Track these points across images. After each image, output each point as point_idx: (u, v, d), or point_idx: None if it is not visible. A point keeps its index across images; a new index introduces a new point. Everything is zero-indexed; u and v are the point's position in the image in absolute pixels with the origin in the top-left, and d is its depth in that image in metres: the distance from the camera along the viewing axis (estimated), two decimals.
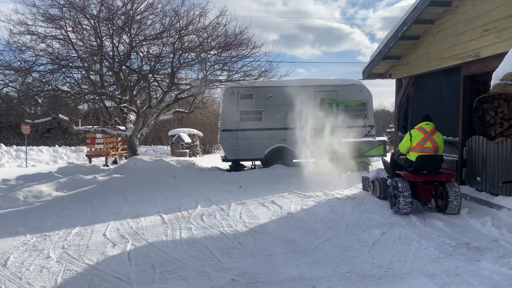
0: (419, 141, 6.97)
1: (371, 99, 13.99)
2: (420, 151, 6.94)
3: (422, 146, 6.95)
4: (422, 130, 7.06)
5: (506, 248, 5.14)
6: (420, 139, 6.97)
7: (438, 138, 7.07)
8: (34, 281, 4.53)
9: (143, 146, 25.41)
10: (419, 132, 7.05)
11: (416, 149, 6.98)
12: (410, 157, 7.05)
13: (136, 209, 7.98)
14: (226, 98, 13.52)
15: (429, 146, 6.96)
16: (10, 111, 15.13)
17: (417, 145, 6.97)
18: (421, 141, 6.96)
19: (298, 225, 6.47)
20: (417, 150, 6.96)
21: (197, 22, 14.00)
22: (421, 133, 7.02)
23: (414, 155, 6.96)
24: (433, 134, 7.03)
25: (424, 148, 6.94)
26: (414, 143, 7.02)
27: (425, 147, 6.94)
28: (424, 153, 6.92)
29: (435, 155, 7.00)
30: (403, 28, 9.10)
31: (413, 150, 7.03)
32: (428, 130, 7.05)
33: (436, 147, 7.01)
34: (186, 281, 4.40)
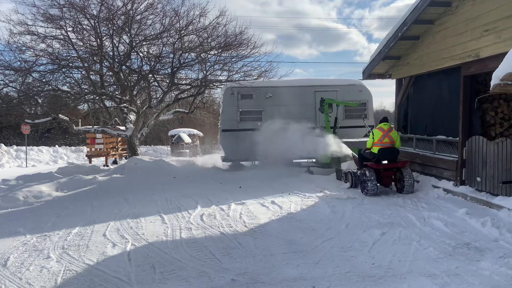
0: (379, 137, 8.75)
1: (371, 99, 13.99)
2: (380, 145, 8.71)
3: (381, 142, 8.72)
4: (381, 129, 8.86)
5: (506, 248, 5.14)
6: (380, 136, 8.76)
7: (394, 135, 8.89)
8: (34, 281, 4.53)
9: (143, 146, 25.41)
10: (379, 131, 8.86)
11: (377, 144, 8.74)
12: (373, 150, 8.82)
13: (136, 209, 7.98)
14: (226, 98, 13.52)
15: (387, 141, 8.76)
16: (10, 111, 15.14)
17: (378, 141, 8.74)
18: (381, 138, 8.74)
19: (298, 225, 6.47)
20: (378, 144, 8.73)
21: (197, 22, 14.05)
22: (380, 132, 8.81)
23: (376, 149, 8.75)
24: (389, 132, 8.83)
25: (383, 143, 8.73)
26: (375, 139, 8.79)
27: (384, 142, 8.73)
28: (383, 146, 8.69)
29: (392, 147, 8.78)
30: (403, 28, 9.10)
31: (375, 145, 8.79)
32: (385, 129, 8.87)
33: (393, 142, 8.79)
34: (186, 281, 4.40)
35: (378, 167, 8.74)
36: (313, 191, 9.28)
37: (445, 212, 6.96)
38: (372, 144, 8.89)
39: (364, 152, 9.30)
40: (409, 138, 10.72)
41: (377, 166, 8.75)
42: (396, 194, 8.72)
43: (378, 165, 8.77)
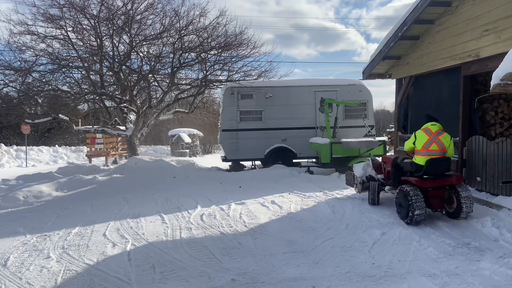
0: (424, 143, 6.43)
1: (371, 99, 13.99)
2: (426, 154, 6.38)
3: (427, 149, 6.40)
4: (427, 131, 6.52)
5: (506, 248, 5.14)
6: (424, 141, 6.43)
7: (445, 139, 6.50)
8: (34, 281, 4.53)
9: (143, 146, 25.41)
10: (423, 133, 6.51)
11: (422, 152, 6.43)
12: (417, 161, 6.47)
13: (136, 209, 7.98)
14: (226, 98, 13.53)
15: (435, 148, 6.39)
16: (10, 111, 15.13)
17: (422, 148, 6.42)
18: (426, 143, 6.42)
19: (298, 225, 6.47)
20: (423, 153, 6.41)
21: (197, 22, 14.03)
22: (426, 135, 6.47)
23: (422, 159, 6.39)
24: (438, 135, 6.46)
25: (430, 151, 6.39)
26: (418, 145, 6.48)
27: (431, 150, 6.39)
28: (432, 156, 6.35)
29: (444, 158, 6.45)
30: (403, 28, 9.10)
31: (419, 154, 6.48)
32: (433, 131, 6.50)
33: (443, 149, 6.44)
34: (186, 281, 4.40)
35: (425, 185, 6.34)
36: (313, 191, 9.28)
37: None
38: (412, 149, 6.70)
39: (402, 162, 6.94)
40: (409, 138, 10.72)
41: (425, 183, 6.34)
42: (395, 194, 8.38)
43: (426, 182, 6.36)
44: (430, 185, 6.39)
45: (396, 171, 7.08)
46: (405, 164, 6.83)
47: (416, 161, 6.51)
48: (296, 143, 13.44)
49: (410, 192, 6.18)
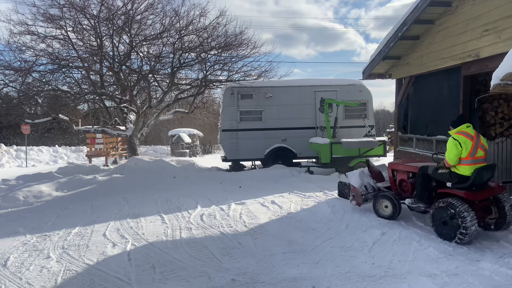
0: (471, 149, 5.49)
1: (371, 99, 13.99)
2: (473, 162, 5.49)
3: (474, 156, 5.49)
4: (468, 136, 5.55)
5: (506, 248, 5.14)
6: (471, 147, 5.49)
7: (485, 143, 5.71)
8: (34, 281, 4.53)
9: (143, 146, 25.42)
10: (466, 138, 5.52)
11: (468, 161, 5.50)
12: (461, 171, 5.55)
13: (136, 209, 7.98)
14: (226, 98, 13.53)
15: (481, 155, 5.56)
16: (10, 111, 15.14)
17: (469, 155, 5.49)
18: (472, 149, 5.49)
19: (298, 225, 6.47)
20: (470, 162, 5.49)
21: (197, 22, 14.02)
22: (469, 140, 5.52)
23: (467, 168, 5.50)
24: (479, 139, 5.64)
25: (477, 158, 5.52)
26: (465, 153, 5.49)
27: (478, 157, 5.52)
28: (479, 164, 5.53)
29: (490, 166, 5.66)
30: (403, 28, 9.10)
31: (463, 163, 5.53)
32: (473, 134, 5.61)
33: (485, 155, 5.67)
34: (186, 281, 4.40)
35: (475, 198, 5.48)
36: (313, 191, 9.28)
37: None
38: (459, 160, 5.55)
39: (436, 173, 5.91)
40: (409, 138, 10.72)
41: (474, 196, 5.48)
42: None
43: (475, 194, 5.49)
44: (479, 197, 5.56)
45: (424, 182, 6.16)
46: (441, 175, 5.83)
47: (459, 171, 5.57)
48: (296, 143, 13.45)
49: (460, 207, 5.32)
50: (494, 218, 5.72)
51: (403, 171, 6.86)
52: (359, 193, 7.10)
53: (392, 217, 6.59)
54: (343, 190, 7.66)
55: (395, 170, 7.10)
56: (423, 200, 6.16)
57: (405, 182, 6.83)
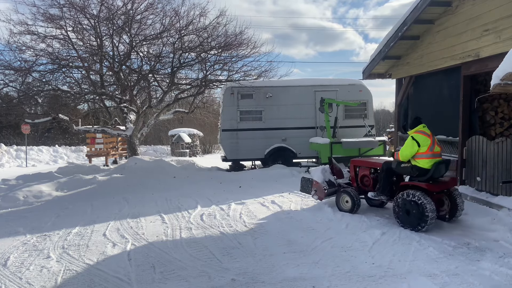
0: (429, 146, 6.14)
1: (371, 99, 14.00)
2: (432, 156, 6.13)
3: (433, 151, 6.16)
4: (425, 133, 6.26)
5: (506, 248, 5.14)
6: (429, 144, 6.15)
7: (437, 141, 6.49)
8: (34, 281, 4.53)
9: (143, 146, 25.41)
10: (423, 136, 6.20)
11: (428, 155, 6.11)
12: (421, 165, 6.12)
13: (136, 209, 7.98)
14: (226, 98, 13.54)
15: (438, 150, 6.26)
16: (10, 111, 15.15)
17: (428, 150, 6.13)
18: (431, 146, 6.16)
19: (298, 225, 6.47)
20: (429, 156, 6.12)
21: (197, 22, 14.03)
22: (427, 137, 6.20)
23: (427, 162, 6.10)
24: (434, 137, 6.38)
25: (435, 153, 6.18)
26: (424, 148, 6.13)
27: (435, 152, 6.20)
28: (436, 158, 6.18)
29: (446, 160, 6.34)
30: (403, 28, 9.09)
31: (424, 157, 6.12)
32: (429, 133, 6.32)
33: (440, 150, 6.38)
34: (186, 281, 4.40)
35: (434, 189, 6.11)
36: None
37: None
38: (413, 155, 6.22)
39: (399, 167, 6.44)
40: None
41: (433, 187, 6.09)
42: None
43: (434, 185, 6.11)
44: (438, 189, 6.17)
45: (387, 176, 6.65)
46: (404, 168, 6.38)
47: (419, 164, 6.14)
48: (296, 143, 13.45)
49: (422, 198, 5.83)
50: (446, 209, 6.36)
51: (365, 167, 7.33)
52: (321, 188, 7.46)
53: (351, 211, 7.04)
54: (305, 185, 7.92)
55: (357, 166, 7.53)
56: (385, 193, 6.67)
57: (367, 177, 7.29)
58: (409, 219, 5.99)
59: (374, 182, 7.13)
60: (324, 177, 7.59)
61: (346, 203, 7.16)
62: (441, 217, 6.34)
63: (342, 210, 7.17)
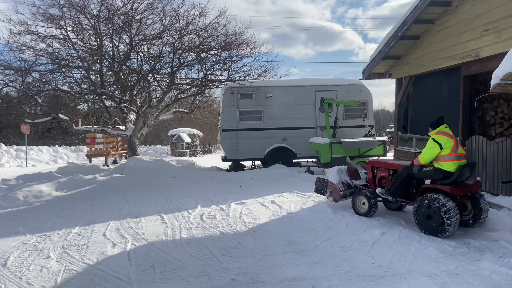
0: (452, 147, 5.84)
1: (371, 99, 14.00)
2: (457, 158, 5.84)
3: (457, 153, 5.86)
4: (448, 135, 5.93)
5: (506, 248, 5.14)
6: (452, 145, 5.85)
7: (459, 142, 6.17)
8: (34, 280, 4.53)
9: (143, 146, 25.41)
10: (447, 138, 5.88)
11: (452, 157, 5.81)
12: (445, 168, 5.83)
13: (136, 209, 7.98)
14: (226, 98, 13.54)
15: (462, 152, 5.97)
16: (10, 111, 15.15)
17: (452, 152, 5.83)
18: (454, 148, 5.85)
19: (298, 225, 6.47)
20: (454, 158, 5.82)
21: (197, 22, 14.03)
22: (450, 139, 5.89)
23: (451, 165, 5.80)
24: (457, 138, 6.14)
25: (459, 155, 5.89)
26: (447, 151, 5.82)
27: (460, 154, 5.90)
28: (461, 160, 5.89)
29: (471, 164, 6.08)
30: (403, 28, 9.10)
31: (447, 159, 5.82)
32: (451, 134, 6.01)
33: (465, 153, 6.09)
34: (186, 281, 4.40)
35: (458, 193, 5.77)
36: (313, 190, 9.27)
37: None
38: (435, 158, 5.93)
39: (422, 172, 6.13)
40: (409, 138, 10.72)
41: (458, 192, 5.76)
42: None
43: (458, 190, 5.77)
44: (462, 193, 5.84)
45: (406, 182, 6.41)
46: (426, 172, 6.08)
47: (444, 167, 5.85)
48: (296, 143, 13.45)
49: (446, 203, 5.55)
50: (469, 214, 6.03)
51: (384, 168, 7.02)
52: (337, 189, 7.23)
53: (367, 214, 6.78)
54: (320, 186, 7.70)
55: (375, 167, 7.22)
56: (394, 195, 6.50)
57: (385, 179, 6.99)
58: (431, 224, 5.68)
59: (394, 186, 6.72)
60: (340, 178, 7.36)
61: (363, 206, 6.87)
62: (464, 222, 6.01)
63: (358, 213, 6.89)
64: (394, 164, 6.94)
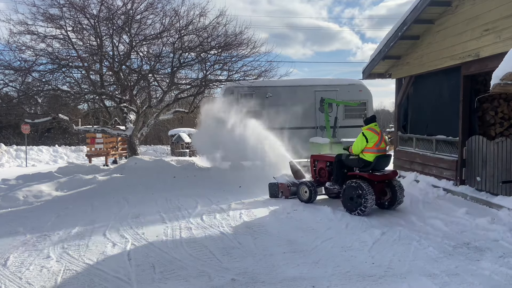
0: (376, 142, 7.18)
1: (371, 99, 14.00)
2: (377, 151, 7.18)
3: (378, 147, 7.20)
4: (375, 131, 7.26)
5: (506, 248, 5.14)
6: (376, 140, 7.18)
7: (386, 137, 7.63)
8: (34, 280, 4.53)
9: (143, 146, 25.40)
10: (372, 133, 7.22)
11: (373, 150, 7.18)
12: (366, 158, 7.21)
13: (136, 209, 7.98)
14: (226, 98, 13.53)
15: (383, 146, 7.30)
16: (10, 111, 15.14)
17: (374, 146, 7.18)
18: (377, 142, 7.19)
19: (298, 225, 6.47)
20: (374, 151, 7.18)
21: (197, 22, 14.01)
22: (376, 135, 7.21)
23: (371, 156, 7.17)
24: (382, 134, 7.38)
25: (380, 148, 7.23)
26: (370, 144, 7.17)
27: (381, 148, 7.24)
28: (380, 153, 7.22)
29: (388, 155, 7.49)
30: (403, 28, 9.10)
31: (369, 151, 7.19)
32: (378, 131, 7.31)
33: (386, 147, 7.48)
34: (186, 280, 4.40)
35: (375, 178, 7.08)
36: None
37: (445, 212, 6.97)
38: (363, 149, 7.26)
39: (348, 159, 7.54)
40: (409, 138, 10.72)
41: (375, 177, 7.08)
42: None
43: (375, 175, 7.11)
44: (378, 179, 7.12)
45: (340, 167, 7.64)
46: (352, 160, 7.46)
47: (365, 157, 7.20)
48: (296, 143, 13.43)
49: (363, 186, 6.82)
50: (388, 199, 7.29)
51: (322, 160, 8.36)
52: (286, 187, 8.52)
53: (309, 200, 7.96)
54: (273, 190, 8.71)
55: (315, 160, 8.53)
56: (338, 182, 7.63)
57: (323, 169, 8.29)
58: (352, 204, 6.97)
59: (329, 175, 8.12)
60: (288, 180, 8.72)
61: (305, 193, 8.06)
62: (382, 205, 7.36)
63: (302, 200, 8.07)
64: (330, 157, 8.17)
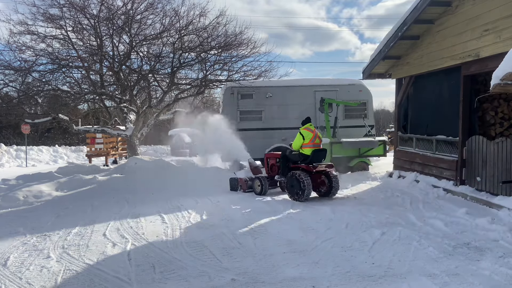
0: (311, 138, 8.50)
1: (371, 99, 14.00)
2: (312, 146, 8.51)
3: (313, 142, 8.55)
4: (310, 130, 8.61)
5: (506, 248, 5.14)
6: (311, 137, 8.51)
7: (320, 135, 8.88)
8: (34, 280, 4.53)
9: (143, 146, 25.40)
10: (308, 131, 8.55)
11: (309, 145, 8.47)
12: (304, 152, 8.48)
13: (136, 209, 7.98)
14: (226, 98, 13.53)
15: (318, 142, 8.67)
16: (10, 111, 15.14)
17: (310, 142, 8.49)
18: (312, 138, 8.52)
19: (298, 225, 6.47)
20: (310, 146, 8.48)
21: (197, 22, 14.03)
22: (310, 132, 8.55)
23: (308, 150, 8.45)
24: (317, 132, 8.71)
25: (315, 144, 8.58)
26: (307, 140, 8.47)
27: (316, 143, 8.60)
28: (316, 147, 8.54)
29: (323, 149, 8.74)
30: (403, 28, 9.10)
31: (306, 146, 8.48)
32: (313, 129, 8.69)
33: (320, 142, 8.76)
34: (186, 281, 4.40)
35: (313, 169, 8.38)
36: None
37: (445, 212, 6.97)
38: (301, 145, 8.53)
39: (291, 154, 8.88)
40: (409, 138, 10.73)
41: (312, 168, 8.38)
42: (395, 194, 8.71)
43: (313, 167, 8.39)
44: (314, 169, 8.39)
45: (285, 162, 8.92)
46: (294, 155, 8.77)
47: (303, 152, 8.50)
48: None
49: (302, 175, 8.06)
50: (326, 188, 8.55)
51: (273, 157, 9.69)
52: (244, 182, 9.53)
53: (261, 192, 9.06)
54: (233, 184, 9.75)
55: (268, 158, 9.86)
56: (284, 174, 8.77)
57: (274, 165, 9.61)
58: (292, 191, 8.22)
59: (279, 169, 9.28)
60: (246, 175, 9.74)
61: (258, 186, 9.19)
62: (321, 193, 8.63)
63: (256, 193, 9.14)
64: (278, 154, 9.43)
